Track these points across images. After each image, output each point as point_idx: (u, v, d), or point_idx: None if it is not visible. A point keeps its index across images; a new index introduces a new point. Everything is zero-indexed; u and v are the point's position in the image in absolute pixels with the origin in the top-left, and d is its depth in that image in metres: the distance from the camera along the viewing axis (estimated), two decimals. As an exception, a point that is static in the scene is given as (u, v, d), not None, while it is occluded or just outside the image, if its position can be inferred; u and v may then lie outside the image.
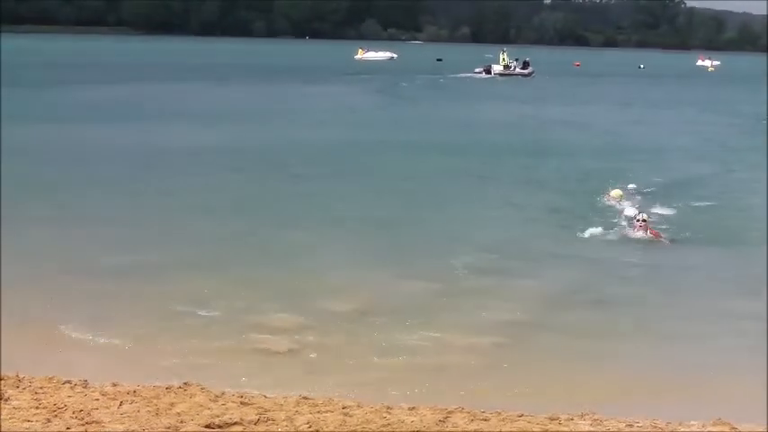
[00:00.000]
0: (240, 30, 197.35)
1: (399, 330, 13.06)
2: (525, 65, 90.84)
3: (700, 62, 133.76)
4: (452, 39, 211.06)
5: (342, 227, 19.56)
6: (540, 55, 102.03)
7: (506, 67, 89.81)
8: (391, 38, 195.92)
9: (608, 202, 22.02)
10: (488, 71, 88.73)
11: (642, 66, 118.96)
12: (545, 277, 16.00)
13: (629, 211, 20.40)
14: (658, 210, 21.48)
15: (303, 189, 24.19)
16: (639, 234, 18.82)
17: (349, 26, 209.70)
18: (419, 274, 15.95)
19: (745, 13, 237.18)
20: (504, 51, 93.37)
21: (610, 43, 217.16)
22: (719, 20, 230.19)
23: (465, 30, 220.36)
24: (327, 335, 12.74)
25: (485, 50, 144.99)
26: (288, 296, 14.47)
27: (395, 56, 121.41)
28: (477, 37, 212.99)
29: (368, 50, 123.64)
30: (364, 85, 69.68)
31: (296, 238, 18.40)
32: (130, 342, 12.23)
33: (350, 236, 18.71)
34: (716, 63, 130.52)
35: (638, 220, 19.29)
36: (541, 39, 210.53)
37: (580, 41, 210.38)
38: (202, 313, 13.53)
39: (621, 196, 22.11)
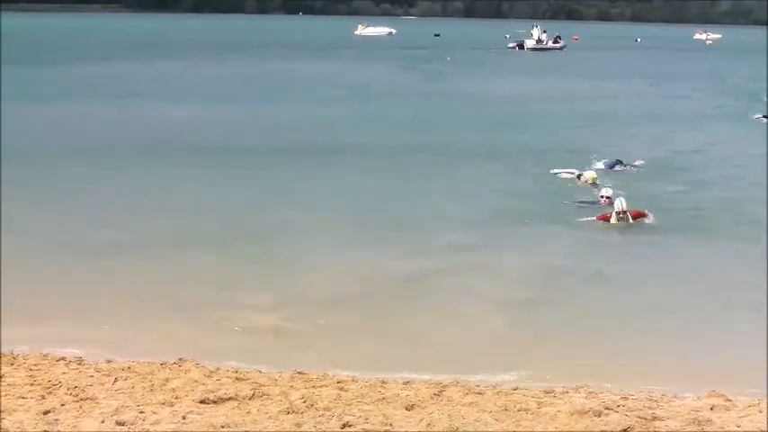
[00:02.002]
0: (232, 6, 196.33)
1: (391, 308, 13.06)
2: (557, 39, 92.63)
3: (697, 36, 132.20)
4: (445, 13, 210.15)
5: (330, 204, 19.50)
6: (523, 29, 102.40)
7: (539, 41, 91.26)
8: (384, 13, 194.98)
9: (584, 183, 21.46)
10: (521, 46, 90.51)
11: (638, 39, 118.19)
12: (534, 254, 15.96)
13: (604, 191, 19.67)
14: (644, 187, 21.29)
15: (294, 166, 24.10)
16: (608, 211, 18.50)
17: (341, 2, 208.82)
18: (408, 252, 15.88)
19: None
20: (536, 27, 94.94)
21: (603, 17, 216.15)
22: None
23: (458, 4, 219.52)
24: (318, 313, 12.69)
25: (480, 25, 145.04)
26: (276, 274, 14.45)
27: (393, 31, 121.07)
28: (470, 11, 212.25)
29: (367, 26, 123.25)
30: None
31: (283, 216, 18.34)
32: (121, 319, 12.19)
33: (337, 213, 18.62)
34: (715, 37, 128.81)
35: (602, 196, 19.26)
36: (534, 13, 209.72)
37: (573, 15, 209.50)
38: (191, 291, 13.51)
39: (595, 178, 21.45)
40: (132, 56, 66.82)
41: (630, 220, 17.83)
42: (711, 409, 8.73)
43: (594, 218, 18.04)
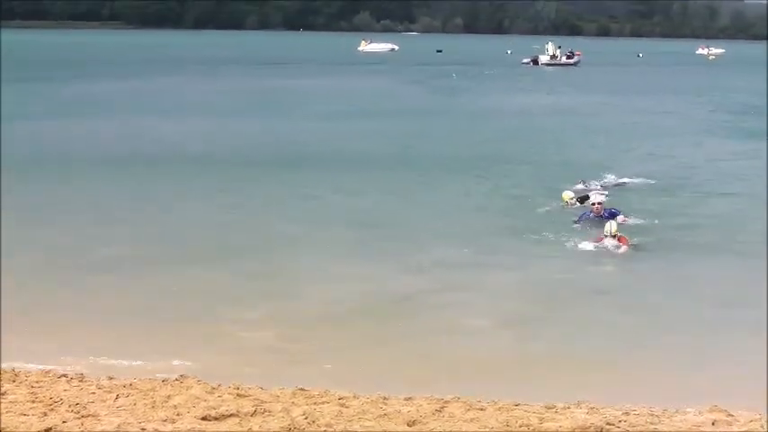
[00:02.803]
0: (233, 23, 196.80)
1: (389, 324, 13.09)
2: (570, 54, 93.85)
3: (700, 51, 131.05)
4: (446, 29, 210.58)
5: (327, 219, 19.62)
6: (538, 44, 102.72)
7: (553, 57, 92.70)
8: (385, 29, 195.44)
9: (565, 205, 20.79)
10: (536, 62, 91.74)
11: (641, 54, 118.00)
12: (531, 270, 15.92)
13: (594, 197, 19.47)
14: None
15: (292, 180, 24.10)
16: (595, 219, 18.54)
17: (342, 18, 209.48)
18: (406, 268, 15.91)
19: (737, 1, 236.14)
20: (549, 43, 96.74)
21: (603, 32, 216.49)
22: (713, 8, 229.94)
23: (458, 20, 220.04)
24: (318, 329, 12.73)
25: (481, 40, 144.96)
26: (275, 290, 14.53)
27: (396, 47, 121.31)
28: (471, 27, 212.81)
29: (371, 42, 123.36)
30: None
31: (281, 230, 18.40)
32: (122, 336, 12.20)
33: (335, 228, 18.74)
34: (718, 51, 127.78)
35: (593, 204, 19.09)
36: (535, 29, 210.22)
37: (574, 31, 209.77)
38: (190, 306, 13.56)
39: (571, 198, 20.76)
40: (134, 73, 66.81)
41: (622, 246, 17.10)
42: (713, 424, 8.71)
43: (589, 242, 17.46)
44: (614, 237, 17.11)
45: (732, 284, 15.22)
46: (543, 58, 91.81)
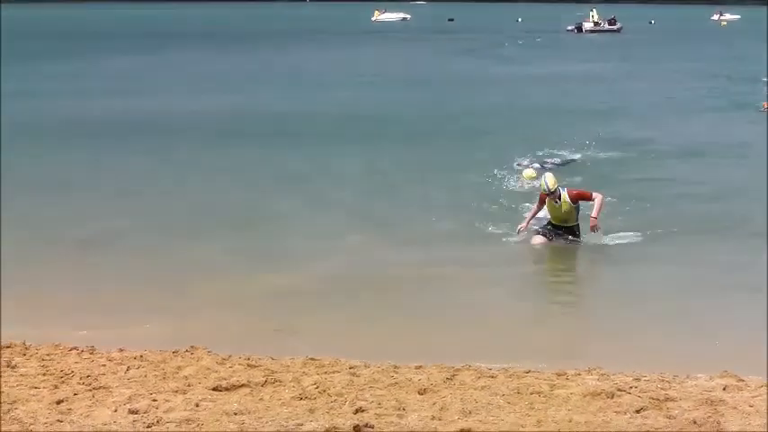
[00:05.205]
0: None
1: (397, 293, 13.08)
2: (612, 21, 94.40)
3: (714, 17, 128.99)
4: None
5: (330, 189, 19.57)
6: (545, 12, 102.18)
7: (596, 23, 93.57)
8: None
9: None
10: (580, 29, 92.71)
11: (653, 21, 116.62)
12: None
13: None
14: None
15: (295, 154, 24.01)
16: None
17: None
18: (409, 240, 15.80)
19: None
20: (593, 10, 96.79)
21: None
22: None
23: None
24: (325, 299, 12.72)
25: (487, 9, 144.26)
26: (277, 261, 14.53)
27: (408, 17, 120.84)
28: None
29: (384, 11, 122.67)
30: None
31: (283, 202, 18.34)
32: (129, 308, 12.21)
33: (337, 199, 18.71)
34: (732, 18, 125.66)
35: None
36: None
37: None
38: (194, 279, 13.56)
39: (533, 177, 19.35)
40: (147, 47, 66.47)
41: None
42: (724, 389, 8.71)
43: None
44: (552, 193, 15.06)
45: (743, 254, 15.06)
46: (587, 25, 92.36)
